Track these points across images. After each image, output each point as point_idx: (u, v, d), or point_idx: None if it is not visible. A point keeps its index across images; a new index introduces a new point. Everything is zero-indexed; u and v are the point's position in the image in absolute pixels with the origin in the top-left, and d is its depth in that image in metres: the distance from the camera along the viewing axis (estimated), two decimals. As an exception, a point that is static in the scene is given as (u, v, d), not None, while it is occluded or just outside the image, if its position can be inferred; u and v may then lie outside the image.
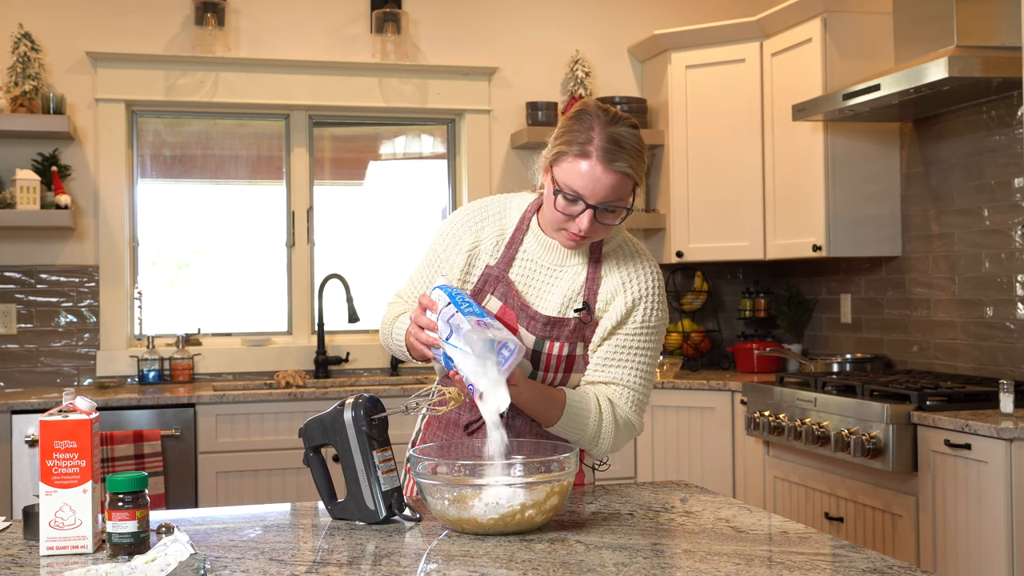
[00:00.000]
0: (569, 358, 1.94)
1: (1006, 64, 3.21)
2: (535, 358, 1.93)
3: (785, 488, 3.77)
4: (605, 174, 1.80)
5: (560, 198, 1.84)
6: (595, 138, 1.81)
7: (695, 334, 4.77)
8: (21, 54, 4.13)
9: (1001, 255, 3.60)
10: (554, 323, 1.93)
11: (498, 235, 1.99)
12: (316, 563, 1.49)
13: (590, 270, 1.97)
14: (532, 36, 4.81)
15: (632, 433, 1.98)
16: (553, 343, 1.93)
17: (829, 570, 1.42)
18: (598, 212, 1.83)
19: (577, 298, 1.95)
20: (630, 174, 1.82)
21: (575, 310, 1.94)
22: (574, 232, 1.86)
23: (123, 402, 3.77)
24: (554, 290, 1.96)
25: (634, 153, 1.83)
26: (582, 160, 1.81)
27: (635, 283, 1.96)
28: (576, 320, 1.94)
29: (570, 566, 1.43)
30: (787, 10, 4.16)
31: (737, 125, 4.44)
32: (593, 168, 1.80)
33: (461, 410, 2.00)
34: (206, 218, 4.66)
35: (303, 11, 4.58)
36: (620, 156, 1.81)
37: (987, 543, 2.84)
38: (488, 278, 1.97)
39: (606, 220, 1.86)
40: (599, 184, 1.81)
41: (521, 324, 1.93)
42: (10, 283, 4.26)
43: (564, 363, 1.94)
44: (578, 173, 1.81)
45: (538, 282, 1.97)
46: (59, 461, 1.54)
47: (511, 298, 1.95)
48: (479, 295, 1.96)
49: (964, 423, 2.89)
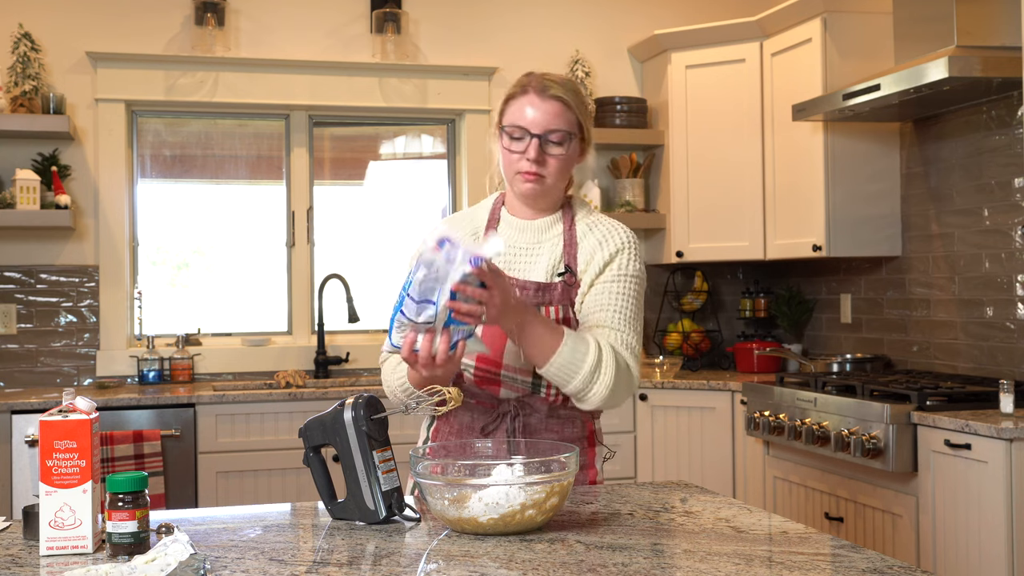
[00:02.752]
0: (565, 321, 2.00)
1: (1006, 64, 3.21)
2: None
3: (785, 488, 3.77)
4: (542, 102, 1.97)
5: (506, 138, 1.99)
6: (531, 80, 2.01)
7: (695, 334, 4.77)
8: (21, 54, 4.13)
9: (1001, 255, 3.60)
10: (544, 288, 2.01)
11: (472, 235, 2.09)
12: (316, 563, 1.48)
13: (567, 239, 2.06)
14: (532, 36, 4.81)
15: (630, 381, 1.95)
16: (548, 308, 2.00)
17: (829, 570, 1.42)
18: (543, 143, 1.97)
19: (559, 264, 2.04)
20: (565, 100, 1.98)
21: (558, 274, 2.02)
22: (527, 170, 1.98)
23: (123, 402, 3.77)
24: (537, 263, 2.05)
25: (569, 88, 2.00)
26: (520, 98, 1.99)
27: (611, 241, 2.05)
28: (562, 284, 2.02)
29: (570, 566, 1.43)
30: (787, 10, 4.16)
31: (737, 125, 4.44)
32: (530, 100, 1.98)
33: (475, 414, 2.01)
34: (206, 218, 4.66)
35: (303, 11, 4.58)
36: (554, 87, 1.98)
37: (987, 543, 2.84)
38: None
39: (552, 151, 1.98)
40: (537, 112, 1.97)
41: None
42: (10, 283, 4.26)
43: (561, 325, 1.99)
44: (518, 109, 1.99)
45: (520, 261, 2.06)
46: (59, 461, 1.54)
47: None
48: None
49: (964, 423, 2.89)
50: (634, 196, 4.71)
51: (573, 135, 1.99)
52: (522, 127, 1.97)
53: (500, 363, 1.99)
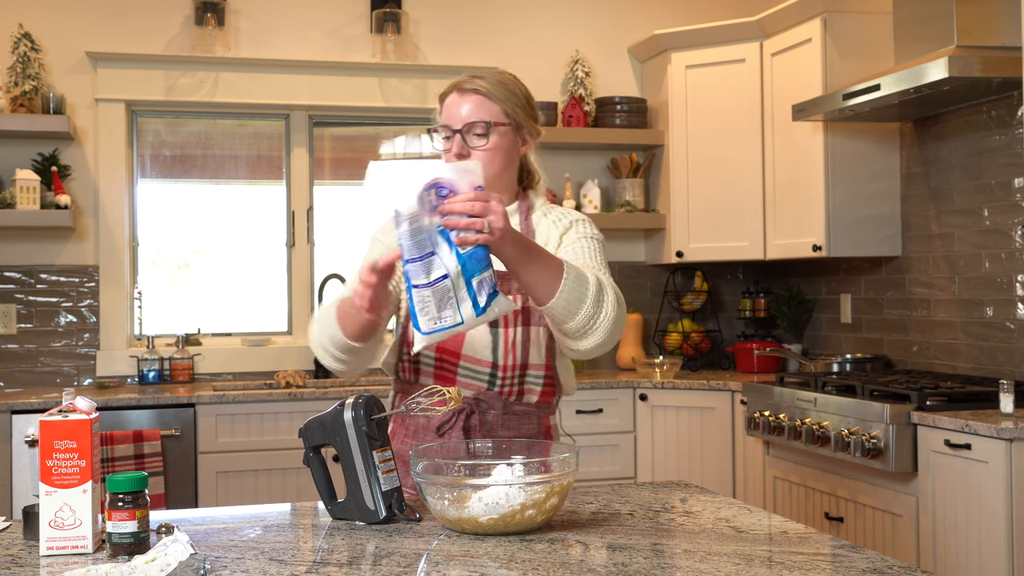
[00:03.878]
0: (525, 310, 1.99)
1: (1006, 64, 3.21)
2: None
3: (785, 488, 3.77)
4: (461, 97, 1.99)
5: (436, 139, 2.00)
6: (457, 81, 2.02)
7: (695, 334, 4.77)
8: (21, 54, 4.13)
9: (1001, 255, 3.60)
10: (503, 275, 1.91)
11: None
12: (316, 563, 1.48)
13: (524, 230, 2.04)
14: (532, 36, 4.81)
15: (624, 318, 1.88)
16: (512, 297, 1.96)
17: (829, 570, 1.42)
18: (466, 136, 1.96)
19: None
20: (484, 92, 1.98)
21: None
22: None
23: (123, 402, 3.77)
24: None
25: (492, 80, 2.00)
26: (447, 97, 2.01)
27: (563, 220, 2.07)
28: None
29: (570, 566, 1.43)
30: (787, 10, 4.16)
31: (737, 125, 4.44)
32: (452, 98, 2.00)
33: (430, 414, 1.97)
34: (206, 218, 4.66)
35: (303, 11, 4.58)
36: (474, 82, 1.99)
37: (987, 543, 2.84)
38: None
39: (475, 143, 1.97)
40: (458, 108, 1.98)
41: None
42: (10, 283, 4.26)
43: (520, 315, 1.98)
44: (444, 110, 2.01)
45: None
46: (59, 461, 1.54)
47: None
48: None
49: (964, 423, 2.89)
50: (634, 196, 4.71)
51: (498, 124, 1.97)
52: (446, 125, 1.98)
53: (459, 354, 1.97)
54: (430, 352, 1.99)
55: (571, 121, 4.64)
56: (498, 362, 1.97)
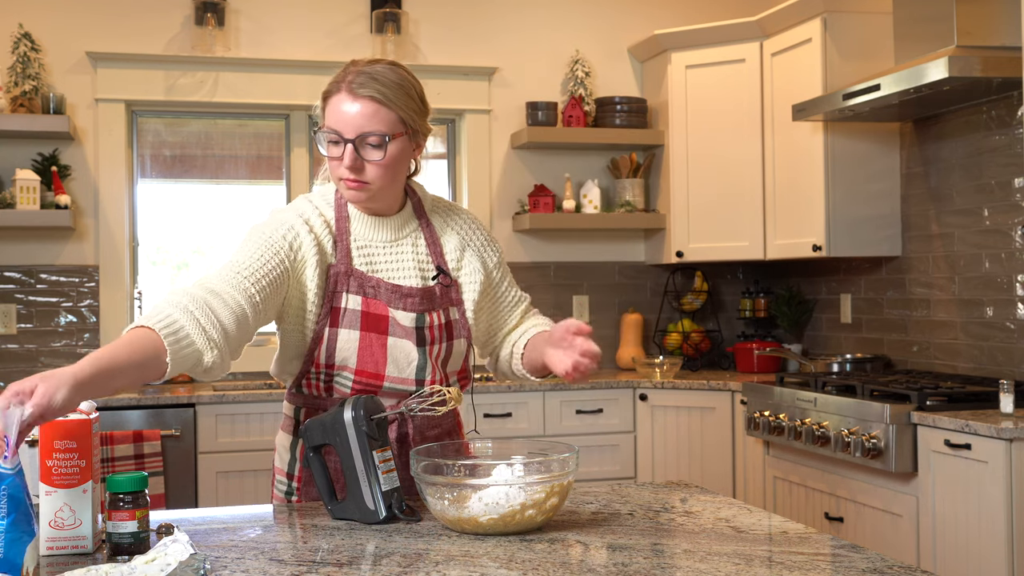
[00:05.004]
0: (448, 325, 1.95)
1: (1006, 64, 3.21)
2: (419, 334, 1.90)
3: (785, 488, 3.77)
4: (354, 102, 1.81)
5: (325, 142, 1.84)
6: (347, 75, 1.83)
7: (695, 334, 4.77)
8: (21, 54, 4.13)
9: (1001, 255, 3.60)
10: (426, 294, 1.92)
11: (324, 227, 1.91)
12: (316, 563, 1.48)
13: (426, 234, 1.98)
14: (532, 36, 4.81)
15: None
16: (431, 314, 1.92)
17: (829, 570, 1.42)
18: (358, 146, 1.81)
19: (428, 265, 1.96)
20: (380, 99, 1.81)
21: (432, 277, 1.95)
22: (346, 177, 1.83)
23: (123, 402, 3.77)
24: (404, 262, 1.95)
25: (387, 83, 1.83)
26: (334, 96, 1.83)
27: (472, 237, 2.04)
28: (439, 287, 1.95)
29: (570, 566, 1.43)
30: (787, 10, 4.16)
31: (737, 125, 4.44)
32: (342, 100, 1.82)
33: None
34: (206, 218, 4.66)
35: (303, 11, 4.58)
36: (369, 84, 1.81)
37: (987, 543, 2.84)
38: (337, 276, 1.89)
39: (369, 156, 1.82)
40: (350, 114, 1.81)
41: (395, 307, 1.89)
42: (10, 283, 4.26)
43: (444, 331, 1.94)
44: (333, 110, 1.83)
45: (385, 262, 1.93)
46: (59, 461, 1.55)
47: (370, 287, 1.89)
48: (335, 296, 1.88)
49: (964, 423, 2.89)
50: (634, 196, 4.71)
51: (393, 136, 1.82)
52: (336, 131, 1.82)
53: (382, 376, 1.89)
54: (346, 374, 1.88)
55: (571, 121, 4.64)
56: (424, 379, 1.92)
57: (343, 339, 1.87)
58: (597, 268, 4.87)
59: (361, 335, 1.88)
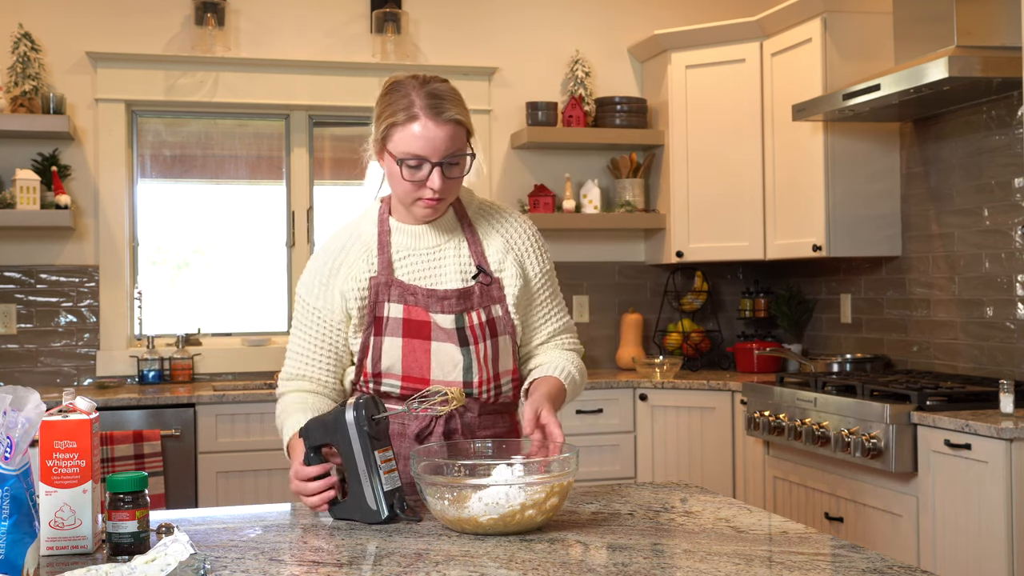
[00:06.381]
0: (490, 322, 1.97)
1: (1006, 64, 3.21)
2: (460, 335, 1.93)
3: (785, 488, 3.77)
4: (438, 128, 1.85)
5: (404, 168, 1.87)
6: (416, 100, 1.86)
7: (695, 334, 4.77)
8: (21, 54, 4.13)
9: (1001, 255, 3.60)
10: (464, 294, 1.95)
11: (365, 251, 1.99)
12: (316, 563, 1.48)
13: (468, 237, 2.01)
14: (532, 36, 4.81)
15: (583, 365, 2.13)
16: (471, 314, 1.95)
17: (829, 570, 1.42)
18: (444, 167, 1.87)
19: (470, 268, 1.99)
20: (461, 120, 1.87)
21: (472, 277, 1.98)
22: (429, 197, 1.89)
23: (123, 402, 3.77)
24: (447, 268, 1.98)
25: (456, 102, 1.89)
26: (413, 123, 1.85)
27: (518, 242, 2.05)
28: (479, 286, 1.97)
29: (570, 566, 1.43)
30: (787, 10, 4.16)
31: (737, 125, 4.44)
32: (425, 126, 1.84)
33: (406, 419, 1.96)
34: (206, 218, 4.66)
35: (303, 11, 4.58)
36: (445, 107, 1.86)
37: (987, 543, 2.84)
38: (378, 287, 1.95)
39: (453, 174, 1.89)
40: (436, 139, 1.85)
41: (434, 311, 1.93)
42: (10, 283, 4.26)
43: (487, 329, 1.97)
44: (413, 136, 1.85)
45: (427, 269, 1.98)
46: (59, 461, 1.54)
47: (410, 295, 1.94)
48: (376, 306, 1.95)
49: (964, 423, 2.89)
50: (634, 196, 4.71)
51: (471, 152, 1.91)
52: (421, 156, 1.85)
53: (428, 379, 1.94)
54: (393, 380, 1.95)
55: (571, 121, 4.64)
56: (472, 380, 1.95)
57: (387, 347, 1.94)
58: (597, 268, 4.87)
59: (404, 341, 1.93)
